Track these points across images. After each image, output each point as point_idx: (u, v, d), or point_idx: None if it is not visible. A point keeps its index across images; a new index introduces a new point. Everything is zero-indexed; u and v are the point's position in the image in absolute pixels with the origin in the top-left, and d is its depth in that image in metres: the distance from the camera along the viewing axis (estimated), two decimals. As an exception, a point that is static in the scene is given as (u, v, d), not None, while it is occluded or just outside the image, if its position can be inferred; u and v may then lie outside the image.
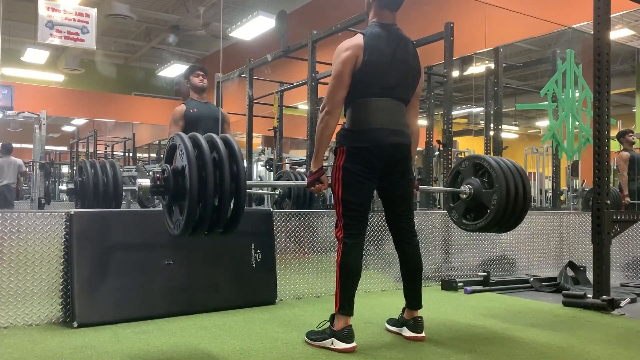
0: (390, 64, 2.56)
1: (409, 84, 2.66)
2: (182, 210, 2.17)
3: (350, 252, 2.54)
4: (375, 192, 2.73)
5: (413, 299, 2.71)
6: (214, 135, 2.27)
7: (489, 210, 2.94)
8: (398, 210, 2.73)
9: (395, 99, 2.60)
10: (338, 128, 2.67)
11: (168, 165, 2.25)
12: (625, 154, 6.53)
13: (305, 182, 2.67)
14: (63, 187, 5.15)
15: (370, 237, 4.06)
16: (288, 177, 5.64)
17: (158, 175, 2.22)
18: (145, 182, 2.21)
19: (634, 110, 10.65)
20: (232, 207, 2.23)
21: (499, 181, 2.90)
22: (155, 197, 2.37)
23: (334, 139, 2.70)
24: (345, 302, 2.51)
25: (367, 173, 2.55)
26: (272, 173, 8.08)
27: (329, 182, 2.64)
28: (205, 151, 2.16)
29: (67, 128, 16.19)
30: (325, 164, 6.24)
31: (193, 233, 2.22)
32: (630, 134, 6.71)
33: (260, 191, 6.86)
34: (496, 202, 2.89)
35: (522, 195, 2.95)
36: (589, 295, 3.56)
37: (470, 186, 3.02)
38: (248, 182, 2.27)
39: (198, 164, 2.13)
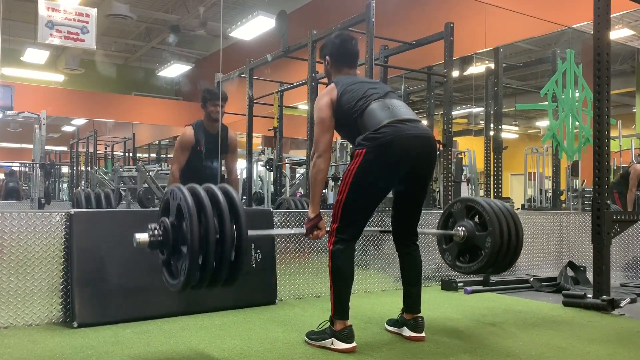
0: (364, 82, 2.68)
1: (393, 94, 2.69)
2: (183, 263, 2.09)
3: (339, 257, 2.53)
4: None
5: (413, 302, 2.71)
6: (212, 186, 2.20)
7: (483, 253, 2.97)
8: (409, 214, 2.74)
9: (389, 98, 2.61)
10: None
11: (165, 218, 2.19)
12: None
13: (303, 230, 2.61)
14: None
15: (370, 237, 4.06)
16: (288, 205, 5.55)
17: (156, 226, 2.17)
18: (143, 236, 2.14)
19: (634, 110, 10.64)
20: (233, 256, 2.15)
21: (492, 224, 2.92)
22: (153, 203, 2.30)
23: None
24: (339, 307, 2.51)
25: (384, 177, 2.50)
26: (272, 173, 8.08)
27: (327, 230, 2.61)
28: (204, 199, 2.10)
29: (67, 128, 16.18)
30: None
31: (195, 285, 2.13)
32: None
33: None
34: (490, 244, 2.92)
35: (514, 237, 2.99)
36: (589, 295, 3.56)
37: (464, 228, 3.05)
38: (249, 232, 2.19)
39: (198, 211, 2.07)
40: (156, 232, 2.15)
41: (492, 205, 2.99)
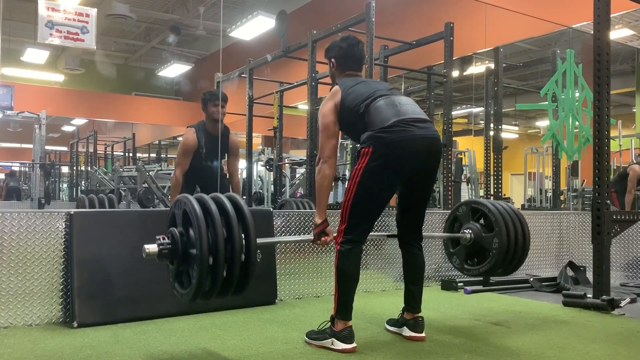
0: (369, 82, 2.67)
1: (398, 93, 2.69)
2: (193, 267, 2.09)
3: (347, 258, 2.52)
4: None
5: (414, 301, 2.71)
6: (221, 195, 2.21)
7: (490, 254, 2.98)
8: (414, 212, 2.74)
9: (395, 95, 2.60)
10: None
11: (174, 228, 2.19)
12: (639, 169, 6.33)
13: (310, 237, 2.61)
14: None
15: (370, 238, 4.05)
16: (290, 207, 5.54)
17: (164, 236, 2.17)
18: (152, 247, 2.14)
19: (634, 110, 10.65)
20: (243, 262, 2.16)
21: (498, 224, 2.94)
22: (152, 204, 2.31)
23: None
24: (342, 307, 2.51)
25: (391, 177, 2.50)
26: (272, 173, 8.08)
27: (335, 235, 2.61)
28: (210, 203, 2.11)
29: (67, 128, 16.19)
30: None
31: (207, 292, 2.13)
32: None
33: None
34: (497, 245, 2.94)
35: (521, 236, 3.01)
36: (589, 295, 3.56)
37: (470, 231, 3.06)
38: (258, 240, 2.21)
39: (207, 222, 2.07)
40: (165, 241, 2.15)
41: (497, 206, 3.01)
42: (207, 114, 4.05)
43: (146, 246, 2.13)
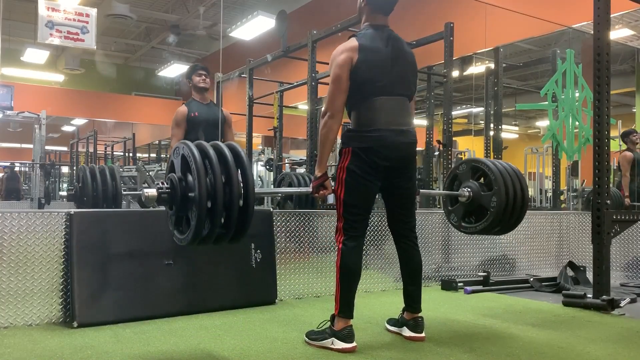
0: (386, 60, 2.57)
1: (409, 79, 2.67)
2: (190, 218, 2.09)
3: (350, 255, 2.53)
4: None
5: (413, 301, 2.71)
6: (220, 143, 2.21)
7: (489, 212, 2.96)
8: (400, 211, 2.72)
9: (397, 95, 2.59)
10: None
11: (174, 174, 2.19)
12: (629, 154, 6.40)
13: (309, 189, 2.64)
14: (64, 193, 5.30)
15: (370, 237, 4.06)
16: (290, 180, 5.58)
17: (163, 181, 2.17)
18: (152, 191, 2.14)
19: (634, 110, 10.64)
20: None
21: (497, 183, 2.93)
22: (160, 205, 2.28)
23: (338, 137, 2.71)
24: (344, 306, 2.51)
25: (372, 174, 2.54)
26: (272, 173, 8.08)
27: (333, 187, 2.63)
28: (212, 156, 2.11)
29: (67, 128, 16.19)
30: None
31: (203, 240, 2.14)
32: (635, 134, 6.56)
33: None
34: (496, 203, 2.93)
35: (520, 196, 3.00)
36: (589, 295, 3.56)
37: (469, 189, 3.05)
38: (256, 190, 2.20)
39: (205, 166, 2.08)
40: (164, 185, 2.15)
41: (497, 165, 3.01)
42: (193, 85, 4.18)
43: (145, 190, 2.13)
